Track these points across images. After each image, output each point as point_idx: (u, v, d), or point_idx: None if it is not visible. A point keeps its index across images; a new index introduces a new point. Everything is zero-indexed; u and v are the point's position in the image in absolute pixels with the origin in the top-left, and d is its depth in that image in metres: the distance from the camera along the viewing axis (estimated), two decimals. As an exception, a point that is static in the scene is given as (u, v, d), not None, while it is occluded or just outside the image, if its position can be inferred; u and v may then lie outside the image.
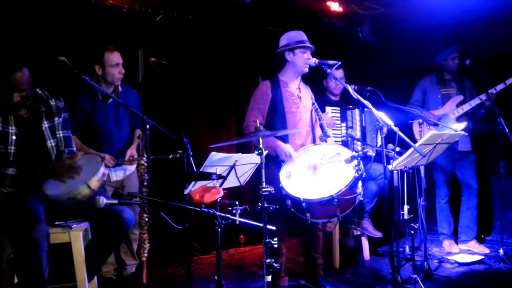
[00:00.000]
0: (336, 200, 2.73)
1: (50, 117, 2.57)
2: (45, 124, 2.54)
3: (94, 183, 2.30)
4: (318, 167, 2.96)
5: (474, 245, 4.16)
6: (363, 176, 2.89)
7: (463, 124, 4.01)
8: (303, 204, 2.78)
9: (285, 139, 3.11)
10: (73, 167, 2.32)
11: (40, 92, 2.57)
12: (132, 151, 3.16)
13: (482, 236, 4.46)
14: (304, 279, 3.42)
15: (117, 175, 3.19)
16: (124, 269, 3.27)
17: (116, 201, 2.24)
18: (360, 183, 2.89)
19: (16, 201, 2.31)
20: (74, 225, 2.45)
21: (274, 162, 3.07)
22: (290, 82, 3.21)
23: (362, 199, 2.95)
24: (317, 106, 3.39)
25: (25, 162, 2.39)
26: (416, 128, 4.09)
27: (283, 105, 3.14)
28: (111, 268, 3.19)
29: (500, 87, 3.85)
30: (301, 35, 3.19)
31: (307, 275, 3.38)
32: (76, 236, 2.43)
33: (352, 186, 2.80)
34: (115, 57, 3.09)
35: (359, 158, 2.82)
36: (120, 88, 3.18)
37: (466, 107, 4.01)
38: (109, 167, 2.96)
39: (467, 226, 4.19)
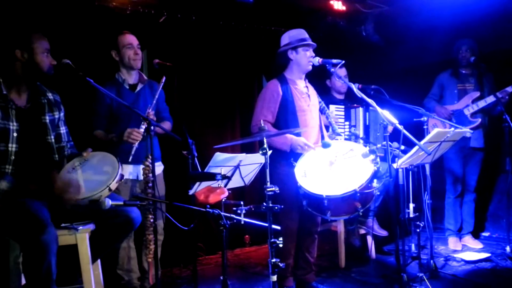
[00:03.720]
0: (358, 194, 2.71)
1: (51, 110, 2.55)
2: (47, 117, 2.51)
3: (114, 185, 2.30)
4: (334, 164, 2.94)
5: (468, 240, 4.17)
6: (380, 170, 2.89)
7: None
8: (325, 202, 2.74)
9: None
10: (70, 186, 2.24)
11: (38, 83, 2.55)
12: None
13: (489, 233, 4.46)
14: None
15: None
16: (146, 279, 3.20)
17: (121, 202, 2.25)
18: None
19: (21, 204, 2.31)
20: (80, 227, 2.46)
21: (286, 162, 3.04)
22: (297, 81, 3.20)
23: (379, 193, 2.93)
24: (323, 105, 3.39)
25: (27, 161, 2.38)
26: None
27: (294, 104, 3.10)
28: (135, 276, 3.12)
29: (509, 89, 3.82)
30: (302, 33, 3.17)
31: (297, 283, 3.26)
32: (82, 238, 2.44)
33: (371, 180, 2.79)
34: (127, 38, 3.11)
35: (376, 152, 2.82)
36: (145, 77, 3.21)
37: (482, 103, 3.99)
38: (137, 141, 2.88)
39: (463, 220, 4.21)
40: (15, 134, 2.34)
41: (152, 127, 2.56)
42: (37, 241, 2.12)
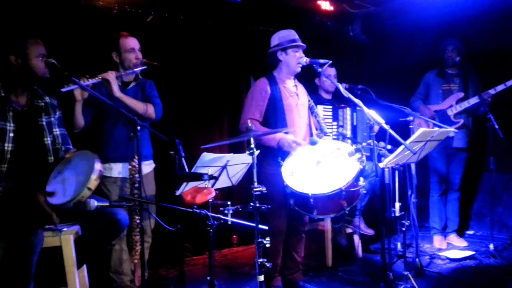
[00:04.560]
0: (344, 193, 2.73)
1: (47, 113, 2.60)
2: (44, 120, 2.56)
3: (93, 183, 2.27)
4: (320, 163, 2.95)
5: (453, 238, 4.23)
6: (366, 168, 2.90)
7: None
8: (311, 200, 2.75)
9: None
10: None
11: (35, 88, 2.60)
12: (111, 77, 2.85)
13: (473, 231, 4.54)
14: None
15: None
16: (132, 280, 3.15)
17: (107, 203, 2.24)
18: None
19: (11, 205, 2.30)
20: (65, 229, 2.44)
21: (273, 161, 3.04)
22: (286, 80, 3.20)
23: (365, 191, 2.94)
24: (312, 103, 3.40)
25: (21, 162, 2.41)
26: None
27: (282, 102, 3.10)
28: (127, 278, 3.08)
29: (500, 88, 3.87)
30: (292, 34, 3.17)
31: (284, 282, 3.27)
32: (67, 240, 2.42)
33: (357, 179, 2.81)
34: (130, 42, 3.06)
35: (362, 151, 2.84)
36: (140, 77, 3.18)
37: (465, 104, 4.03)
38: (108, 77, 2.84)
39: (448, 218, 4.26)
40: (11, 134, 2.40)
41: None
42: (25, 243, 2.13)
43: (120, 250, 3.02)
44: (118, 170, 3.04)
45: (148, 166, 3.20)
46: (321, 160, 2.95)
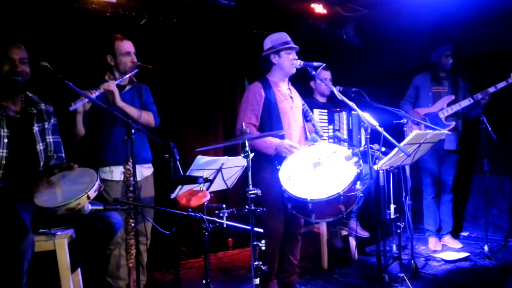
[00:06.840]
0: (342, 197, 2.72)
1: (40, 121, 2.58)
2: (36, 127, 2.54)
3: (92, 193, 2.26)
4: (317, 166, 2.95)
5: (448, 240, 4.24)
6: (363, 172, 2.90)
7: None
8: (309, 205, 2.74)
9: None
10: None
11: (30, 95, 2.60)
12: (114, 88, 2.91)
13: (468, 233, 4.55)
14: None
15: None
16: (129, 284, 3.16)
17: (101, 207, 2.22)
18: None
19: (5, 209, 2.28)
20: (59, 233, 2.42)
21: (270, 165, 3.03)
22: (280, 83, 3.20)
23: (362, 195, 2.95)
24: (307, 107, 3.40)
25: (16, 168, 2.39)
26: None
27: (277, 105, 3.09)
28: (123, 283, 3.07)
29: (491, 90, 3.91)
30: (284, 36, 3.18)
31: (280, 285, 3.26)
32: (61, 244, 2.40)
33: (354, 183, 2.80)
34: (125, 46, 3.05)
35: (359, 155, 2.84)
36: (135, 80, 3.16)
37: (456, 107, 4.06)
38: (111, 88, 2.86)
39: (442, 220, 4.28)
40: (5, 140, 2.39)
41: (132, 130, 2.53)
42: (15, 248, 2.10)
43: (119, 256, 3.01)
44: (119, 172, 3.01)
45: (148, 170, 3.19)
46: (318, 164, 2.95)
